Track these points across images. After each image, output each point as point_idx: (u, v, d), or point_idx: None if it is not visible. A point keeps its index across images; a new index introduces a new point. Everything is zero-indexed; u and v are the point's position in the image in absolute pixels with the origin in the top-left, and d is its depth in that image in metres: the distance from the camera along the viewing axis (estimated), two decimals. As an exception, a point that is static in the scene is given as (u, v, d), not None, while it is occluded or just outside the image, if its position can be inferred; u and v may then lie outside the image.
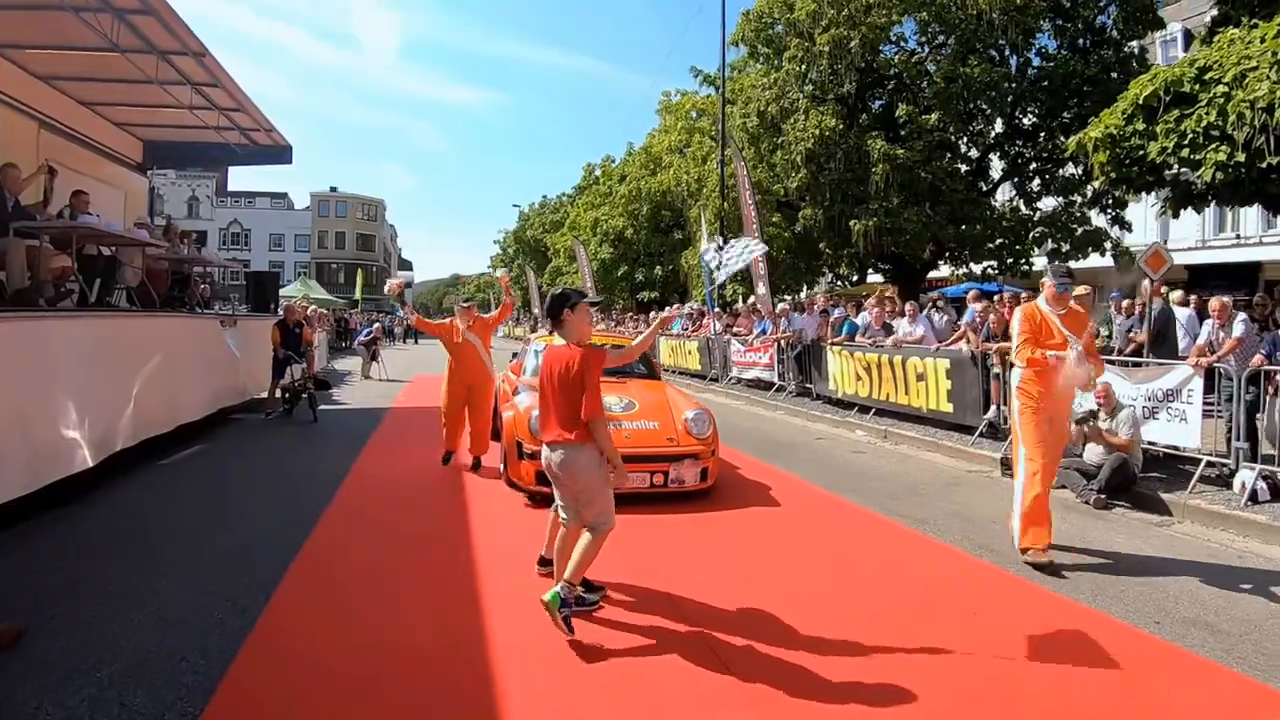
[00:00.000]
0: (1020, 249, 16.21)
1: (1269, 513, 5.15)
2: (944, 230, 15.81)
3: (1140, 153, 8.28)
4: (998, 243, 16.35)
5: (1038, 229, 16.09)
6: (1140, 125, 8.26)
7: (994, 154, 17.26)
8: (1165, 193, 9.25)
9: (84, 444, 5.45)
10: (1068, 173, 16.13)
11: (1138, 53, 15.61)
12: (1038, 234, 16.05)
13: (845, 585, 3.98)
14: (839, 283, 23.09)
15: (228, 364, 9.42)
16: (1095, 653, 3.20)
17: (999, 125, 16.74)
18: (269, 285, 12.95)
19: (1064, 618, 3.58)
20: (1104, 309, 13.55)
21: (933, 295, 11.09)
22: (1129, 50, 15.32)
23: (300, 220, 62.61)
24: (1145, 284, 7.94)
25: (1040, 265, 16.67)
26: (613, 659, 3.06)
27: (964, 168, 17.02)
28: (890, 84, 17.32)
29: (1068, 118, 15.15)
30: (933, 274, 19.41)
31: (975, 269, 17.24)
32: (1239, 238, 20.96)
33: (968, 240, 16.21)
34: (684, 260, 24.92)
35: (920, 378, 8.82)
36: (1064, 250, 15.79)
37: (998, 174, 17.63)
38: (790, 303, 15.68)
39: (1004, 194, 18.14)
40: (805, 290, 22.22)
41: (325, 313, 25.13)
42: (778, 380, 12.70)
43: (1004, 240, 16.29)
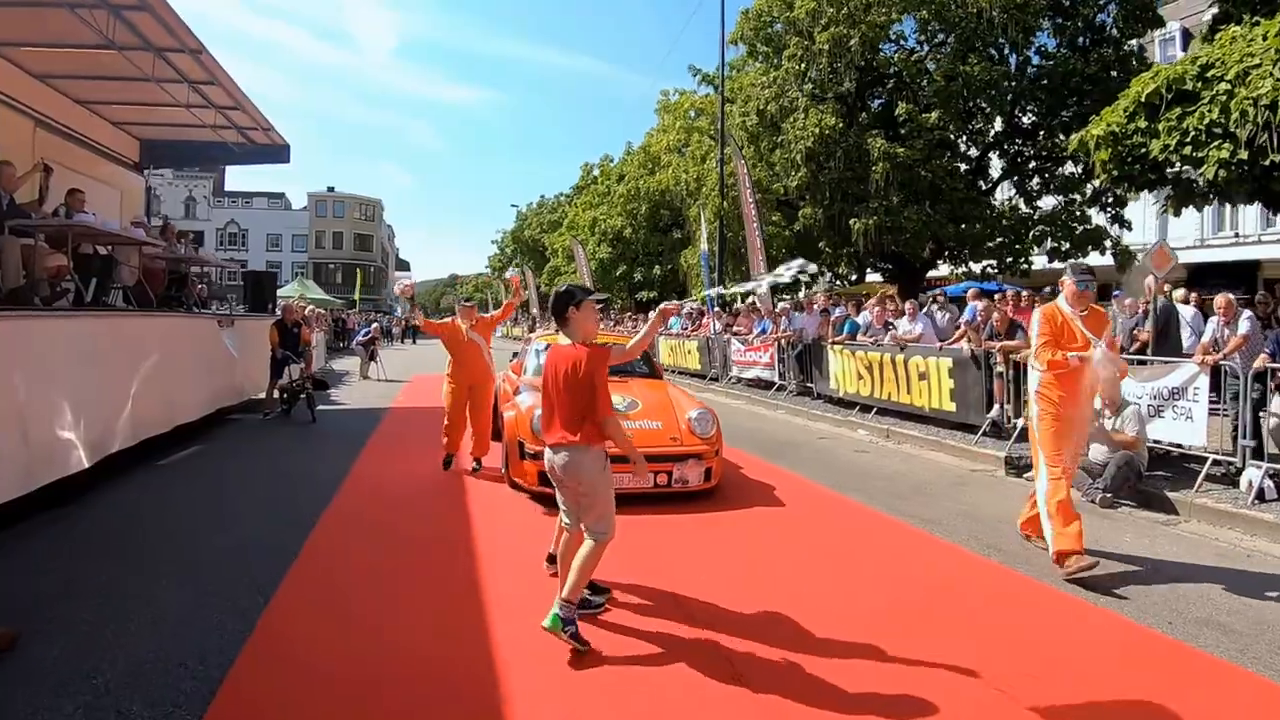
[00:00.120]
0: (1020, 248, 16.20)
1: (1276, 511, 5.10)
2: (944, 229, 15.80)
3: (1142, 150, 8.24)
4: (997, 241, 16.34)
5: (1037, 228, 16.08)
6: (1142, 123, 8.23)
7: (994, 153, 17.25)
8: (1167, 191, 9.23)
9: (80, 445, 5.39)
10: (1067, 171, 16.14)
11: (1136, 51, 15.60)
12: (1037, 233, 16.04)
13: (853, 586, 3.93)
14: (838, 282, 23.05)
15: (225, 364, 9.35)
16: (1109, 653, 3.17)
17: (999, 124, 16.73)
18: (267, 285, 12.85)
19: (1075, 618, 3.54)
20: (1107, 307, 13.50)
21: (935, 294, 11.05)
22: (1129, 49, 15.31)
23: (298, 220, 62.46)
24: (1149, 281, 7.90)
25: (1040, 264, 16.67)
26: (616, 660, 3.01)
27: (964, 166, 17.00)
28: (890, 82, 17.30)
29: (1067, 116, 15.13)
30: (932, 273, 19.40)
31: (974, 268, 17.24)
32: (1238, 236, 20.98)
33: (967, 239, 16.20)
34: (683, 259, 24.89)
35: (923, 376, 8.78)
36: (1064, 249, 15.78)
37: (997, 173, 17.62)
38: (790, 302, 15.63)
39: (1004, 193, 18.13)
40: (803, 290, 22.19)
41: (323, 313, 25.05)
42: (778, 380, 12.66)
43: (1003, 239, 16.28)
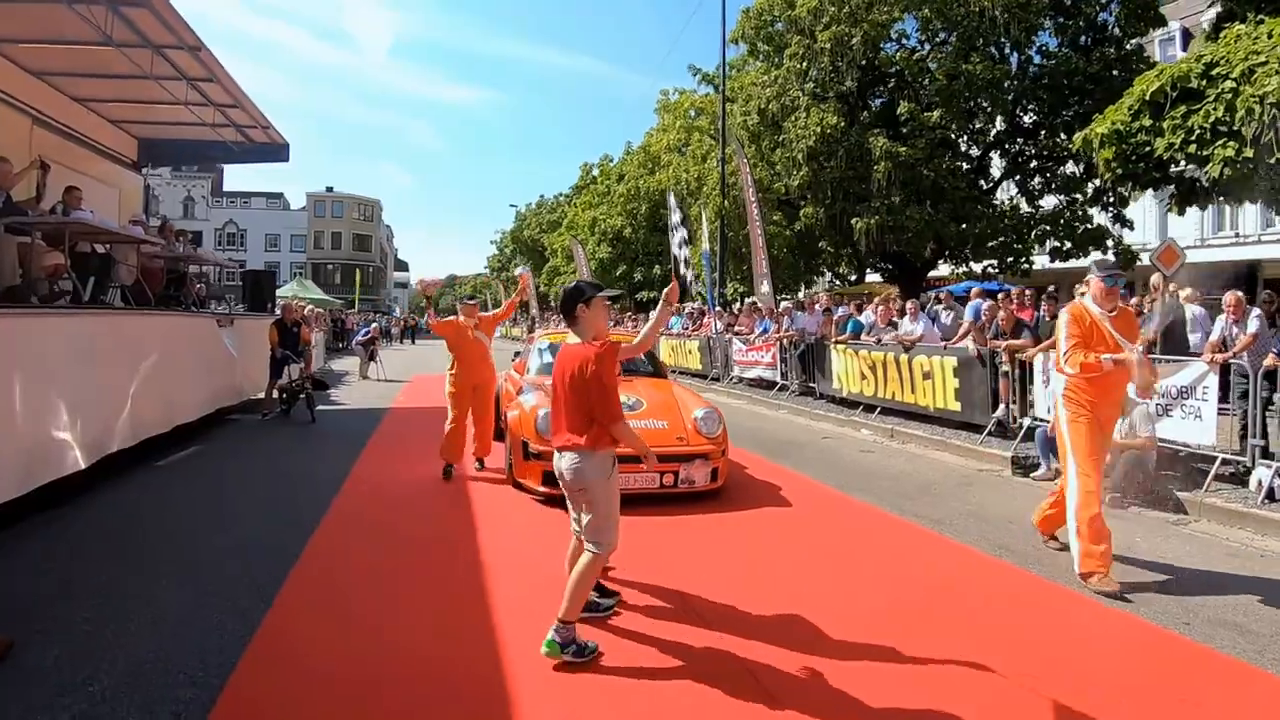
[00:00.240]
0: (1021, 247, 16.14)
1: (1287, 511, 5.06)
2: (946, 228, 15.75)
3: (1147, 149, 8.20)
4: (999, 241, 16.28)
5: (1039, 227, 16.02)
6: (1147, 121, 8.20)
7: (995, 152, 17.21)
8: (1171, 189, 9.19)
9: (77, 445, 5.34)
10: (1069, 171, 16.09)
11: (1137, 50, 15.57)
12: (1039, 232, 15.98)
13: (862, 586, 3.87)
14: (838, 282, 23.01)
15: (224, 364, 9.29)
16: (1127, 654, 3.13)
17: (1000, 123, 16.69)
18: (266, 284, 12.78)
19: (1090, 618, 3.49)
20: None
21: (941, 294, 11.00)
22: (1130, 48, 15.28)
23: (296, 220, 62.35)
24: (1155, 279, 7.85)
25: (1041, 264, 16.63)
26: (620, 661, 2.95)
27: (965, 166, 16.95)
28: (891, 81, 17.26)
29: (1069, 115, 15.08)
30: (932, 273, 19.35)
31: (975, 268, 17.19)
32: (1238, 236, 20.94)
33: (969, 239, 16.15)
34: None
35: (927, 376, 8.72)
36: (1065, 249, 15.74)
37: (999, 172, 17.58)
38: (792, 301, 15.60)
39: (1005, 192, 18.08)
40: (804, 290, 22.15)
41: (322, 313, 24.97)
42: (780, 379, 12.61)
43: (1005, 239, 16.22)
